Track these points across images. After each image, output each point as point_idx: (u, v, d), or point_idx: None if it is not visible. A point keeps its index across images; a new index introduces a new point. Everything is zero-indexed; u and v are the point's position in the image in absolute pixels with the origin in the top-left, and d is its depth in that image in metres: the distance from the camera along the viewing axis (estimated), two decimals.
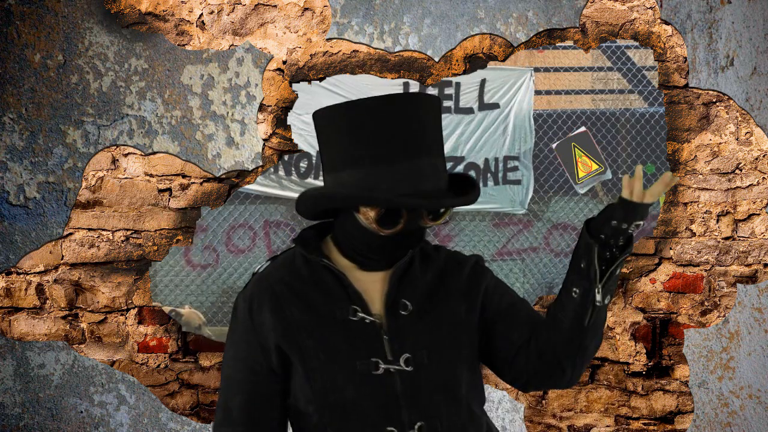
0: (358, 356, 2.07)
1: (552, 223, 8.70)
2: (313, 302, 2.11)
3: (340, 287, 2.11)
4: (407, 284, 2.14)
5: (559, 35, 3.62)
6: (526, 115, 8.33)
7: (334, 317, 2.09)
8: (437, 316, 2.13)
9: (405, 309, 2.10)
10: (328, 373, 2.07)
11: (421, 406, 2.07)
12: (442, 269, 2.20)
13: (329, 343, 2.08)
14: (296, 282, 2.13)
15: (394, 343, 2.08)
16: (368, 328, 2.09)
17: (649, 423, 3.74)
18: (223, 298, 8.16)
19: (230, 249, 8.20)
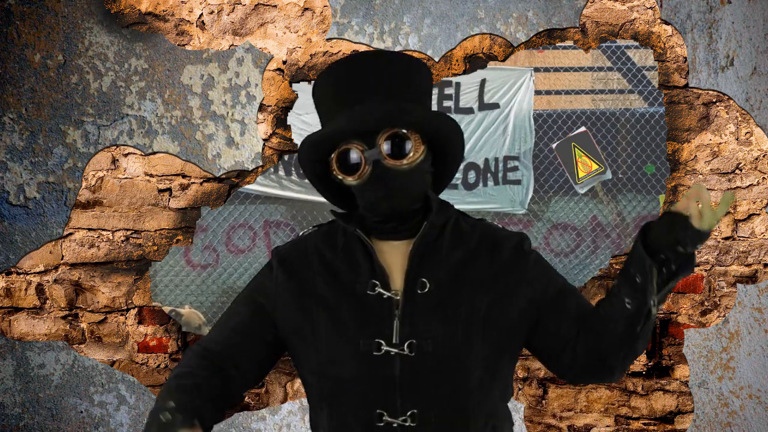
0: (364, 334, 2.05)
1: (552, 223, 8.71)
2: (338, 273, 2.11)
3: (368, 260, 2.10)
4: (429, 260, 2.10)
5: (559, 35, 3.62)
6: (526, 115, 8.34)
7: (354, 290, 2.09)
8: (456, 303, 2.08)
9: (423, 288, 2.07)
10: (333, 348, 2.07)
11: (417, 393, 2.04)
12: (473, 248, 2.13)
13: (341, 317, 2.08)
14: (329, 252, 2.14)
15: (405, 325, 2.05)
16: (383, 304, 2.07)
17: (649, 423, 3.74)
18: (223, 298, 8.16)
19: (230, 249, 8.20)
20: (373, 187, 2.06)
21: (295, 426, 3.68)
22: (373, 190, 2.06)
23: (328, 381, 2.08)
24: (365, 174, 2.05)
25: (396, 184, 2.05)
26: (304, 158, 2.12)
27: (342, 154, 2.06)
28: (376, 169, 2.05)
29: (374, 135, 2.04)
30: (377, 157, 2.04)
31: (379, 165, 2.04)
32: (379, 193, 2.06)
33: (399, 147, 2.05)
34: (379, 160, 2.04)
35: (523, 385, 3.76)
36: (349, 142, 2.05)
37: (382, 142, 2.04)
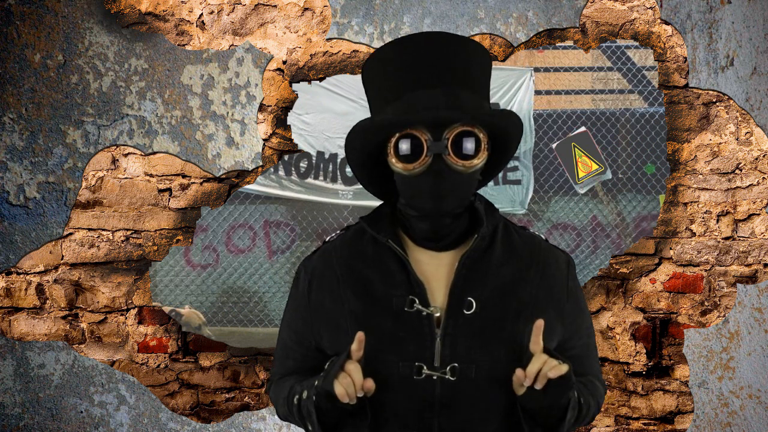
0: (404, 356, 1.96)
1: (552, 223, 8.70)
2: (371, 287, 2.00)
3: (403, 272, 1.99)
4: (476, 276, 1.99)
5: (559, 35, 3.62)
6: (526, 115, 8.34)
7: (391, 306, 1.98)
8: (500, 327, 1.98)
9: (469, 308, 1.96)
10: (371, 367, 1.95)
11: (455, 417, 1.97)
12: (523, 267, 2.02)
13: (378, 336, 1.97)
14: (359, 263, 2.03)
15: (446, 347, 1.96)
16: (423, 323, 1.96)
17: (649, 423, 3.74)
18: (223, 298, 8.16)
19: (230, 249, 8.20)
20: (426, 181, 1.92)
21: (295, 426, 3.68)
22: (424, 184, 1.93)
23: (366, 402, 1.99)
24: (423, 165, 1.91)
25: (450, 183, 1.93)
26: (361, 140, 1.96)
27: (404, 137, 1.92)
28: (435, 163, 1.91)
29: (443, 127, 1.91)
30: (441, 150, 1.90)
31: (440, 159, 1.91)
32: (430, 189, 1.93)
33: (466, 146, 1.91)
34: (441, 154, 1.90)
35: None
36: (415, 127, 1.91)
37: (452, 137, 1.91)
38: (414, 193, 1.96)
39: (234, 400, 3.69)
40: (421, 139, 1.91)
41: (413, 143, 1.91)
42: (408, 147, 1.91)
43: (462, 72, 1.93)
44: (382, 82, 1.98)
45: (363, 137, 1.96)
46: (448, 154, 1.91)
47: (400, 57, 1.95)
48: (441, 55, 1.93)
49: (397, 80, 1.94)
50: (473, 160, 1.92)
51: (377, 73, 1.99)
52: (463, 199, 1.98)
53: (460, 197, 1.96)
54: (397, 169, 1.94)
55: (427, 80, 1.91)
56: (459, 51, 1.95)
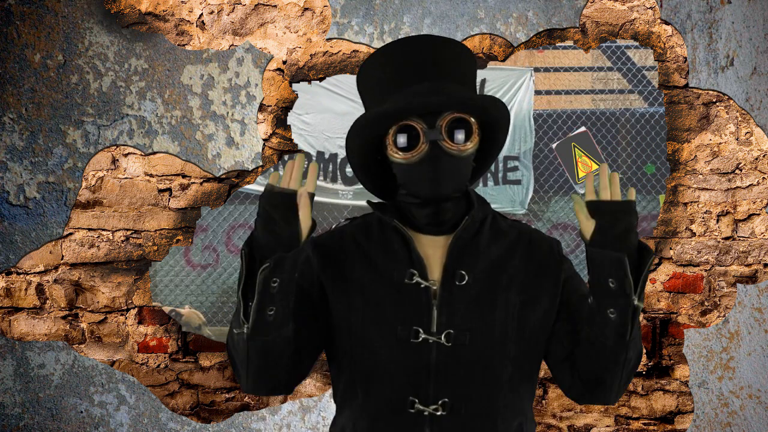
0: (402, 321, 2.05)
1: (552, 223, 8.70)
2: (376, 262, 2.11)
3: (406, 250, 2.09)
4: (468, 254, 2.10)
5: (559, 35, 3.62)
6: (526, 115, 8.34)
7: (392, 278, 2.08)
8: (492, 298, 2.08)
9: (461, 280, 2.07)
10: (368, 332, 2.07)
11: (450, 383, 2.04)
12: (510, 246, 2.14)
13: (378, 303, 2.07)
14: (366, 241, 2.14)
15: (442, 315, 2.05)
16: (421, 293, 2.06)
17: (649, 423, 3.74)
18: (223, 298, 8.16)
19: (230, 249, 8.20)
20: (425, 167, 2.04)
21: (295, 426, 3.68)
22: (423, 170, 2.04)
23: (361, 364, 2.08)
24: (420, 153, 2.04)
25: (447, 168, 2.05)
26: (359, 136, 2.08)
27: (401, 129, 2.04)
28: (432, 150, 2.03)
29: (436, 116, 2.04)
30: (437, 137, 2.03)
31: (436, 146, 2.03)
32: (429, 174, 2.05)
33: (459, 132, 2.05)
34: (437, 140, 2.03)
35: None
36: (410, 119, 2.04)
37: (444, 124, 2.03)
38: (414, 180, 2.07)
39: (234, 400, 3.69)
40: (417, 129, 2.03)
41: (410, 133, 2.04)
42: (405, 137, 2.04)
43: (448, 68, 2.08)
44: (374, 87, 2.11)
45: (361, 132, 2.08)
46: (443, 140, 2.03)
47: (389, 61, 2.09)
48: (427, 54, 2.08)
49: (388, 82, 2.08)
50: (467, 144, 2.05)
51: (369, 80, 2.12)
52: (460, 183, 2.09)
53: (457, 181, 2.08)
54: (396, 159, 2.06)
55: (416, 77, 2.06)
56: (444, 50, 2.09)
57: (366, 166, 2.14)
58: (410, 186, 2.09)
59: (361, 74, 2.14)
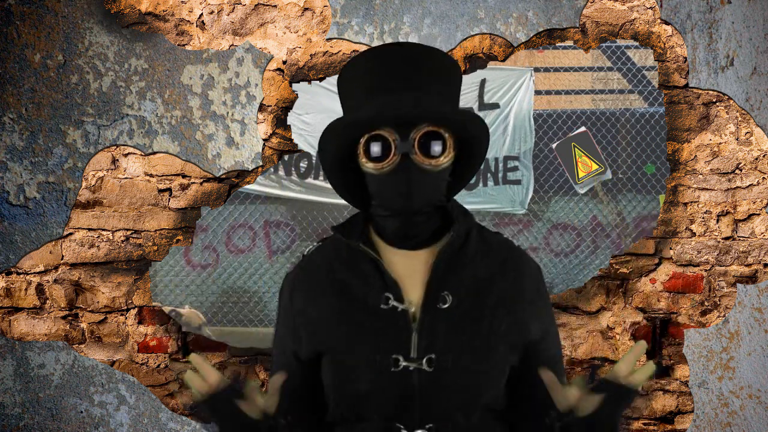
0: (381, 349, 2.01)
1: (552, 223, 8.70)
2: (349, 288, 2.07)
3: (377, 273, 2.05)
4: (454, 272, 2.05)
5: (559, 35, 3.62)
6: (526, 115, 8.34)
7: (367, 304, 2.04)
8: (477, 318, 2.04)
9: (444, 302, 2.03)
10: (348, 363, 2.04)
11: (434, 408, 2.01)
12: (498, 264, 2.09)
13: (356, 332, 2.04)
14: (337, 266, 2.10)
15: (422, 340, 2.01)
16: (398, 318, 2.02)
17: (649, 423, 3.74)
18: (223, 298, 8.16)
19: (230, 249, 8.20)
20: (396, 179, 2.00)
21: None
22: (394, 183, 2.01)
23: (344, 394, 2.05)
24: (391, 164, 1.99)
25: (418, 181, 2.00)
26: (332, 141, 2.04)
27: (373, 138, 2.00)
28: (403, 162, 1.99)
29: (410, 127, 1.99)
30: (408, 150, 1.98)
31: (407, 159, 1.99)
32: (400, 188, 2.01)
33: (433, 146, 2.00)
34: (408, 153, 1.98)
35: None
36: (383, 128, 1.99)
37: (417, 137, 1.98)
38: (384, 191, 2.03)
39: None
40: (389, 139, 1.99)
41: (382, 144, 1.99)
42: (377, 147, 2.00)
43: (430, 79, 2.03)
44: (353, 91, 2.06)
45: (333, 138, 2.04)
46: (414, 153, 1.98)
47: (371, 66, 2.04)
48: (410, 63, 2.03)
49: (366, 87, 2.03)
50: (439, 159, 2.00)
51: (349, 83, 2.07)
52: (431, 198, 2.05)
53: (428, 195, 2.03)
54: (367, 169, 2.02)
55: (396, 86, 2.00)
56: (429, 60, 2.04)
57: (340, 172, 2.10)
58: (381, 197, 2.05)
59: (342, 76, 2.10)
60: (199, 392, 2.00)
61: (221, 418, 2.01)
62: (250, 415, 2.00)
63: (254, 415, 2.01)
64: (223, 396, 2.01)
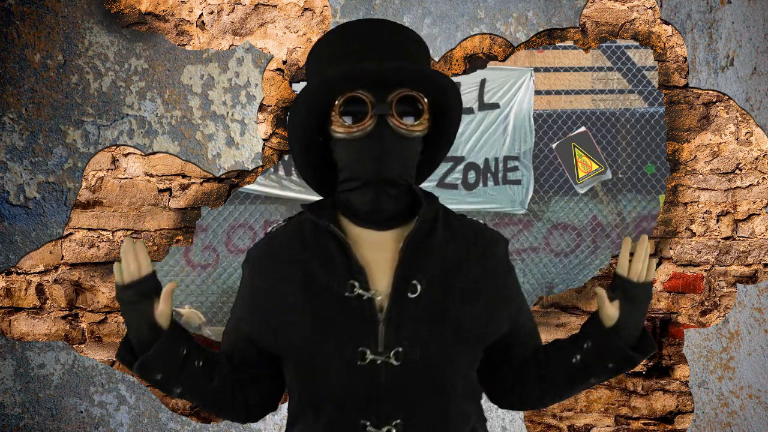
0: (347, 342, 1.94)
1: (552, 223, 8.71)
2: (313, 274, 1.98)
3: (344, 257, 1.97)
4: (421, 258, 1.98)
5: (559, 35, 3.62)
6: (526, 115, 8.34)
7: (332, 291, 1.96)
8: (444, 309, 1.97)
9: (413, 291, 1.95)
10: (312, 355, 1.96)
11: (402, 402, 1.95)
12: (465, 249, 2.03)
13: (320, 322, 1.96)
14: (300, 249, 2.01)
15: (390, 331, 1.94)
16: (365, 307, 1.95)
17: (649, 423, 3.74)
18: (223, 298, 8.16)
19: (230, 249, 8.20)
20: (370, 144, 1.93)
21: None
22: (368, 147, 1.93)
23: (308, 388, 1.99)
24: (367, 127, 1.92)
25: (393, 148, 1.94)
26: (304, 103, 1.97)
27: (348, 100, 1.93)
28: (379, 125, 1.92)
29: (386, 91, 1.93)
30: (385, 111, 1.92)
31: (383, 121, 1.92)
32: (374, 152, 1.93)
33: (410, 110, 1.94)
34: (385, 115, 1.92)
35: None
36: (358, 90, 1.92)
37: (395, 100, 1.92)
38: (356, 158, 1.95)
39: None
40: (366, 100, 1.92)
41: (357, 105, 1.93)
42: (353, 108, 1.93)
43: (403, 47, 1.98)
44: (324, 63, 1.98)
45: (307, 99, 1.96)
46: (391, 115, 1.92)
47: (344, 37, 1.98)
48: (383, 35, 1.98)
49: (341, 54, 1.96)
50: (415, 123, 1.94)
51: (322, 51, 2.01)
52: (405, 167, 1.98)
53: (401, 163, 1.96)
54: (340, 134, 1.95)
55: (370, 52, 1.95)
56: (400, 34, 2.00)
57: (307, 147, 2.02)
58: (352, 165, 1.97)
59: (312, 52, 2.03)
60: (127, 276, 1.95)
61: (134, 309, 1.96)
62: (158, 321, 1.96)
63: (162, 322, 1.97)
64: (145, 286, 1.96)
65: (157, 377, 1.97)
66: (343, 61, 1.95)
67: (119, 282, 1.96)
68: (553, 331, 3.79)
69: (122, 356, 2.00)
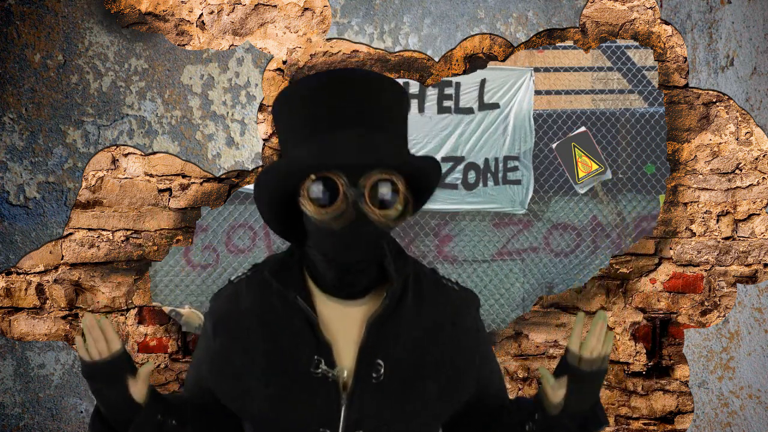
0: (307, 421, 1.88)
1: (552, 223, 8.70)
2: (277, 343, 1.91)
3: (311, 331, 1.89)
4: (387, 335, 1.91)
5: (559, 35, 3.62)
6: (526, 115, 8.34)
7: (297, 366, 1.89)
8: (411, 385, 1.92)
9: (378, 371, 1.88)
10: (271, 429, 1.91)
11: None
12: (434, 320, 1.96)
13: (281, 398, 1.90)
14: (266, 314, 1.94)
15: (352, 413, 1.87)
16: (329, 387, 1.88)
17: (649, 423, 3.74)
18: None
19: (230, 249, 8.20)
20: (339, 230, 1.82)
21: None
22: (336, 232, 1.82)
23: None
24: (337, 212, 1.80)
25: (363, 234, 1.83)
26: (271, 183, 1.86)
27: (319, 180, 1.80)
28: (349, 210, 1.79)
29: (359, 172, 1.79)
30: (357, 198, 1.79)
31: (356, 208, 1.79)
32: (343, 239, 1.82)
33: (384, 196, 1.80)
34: (358, 202, 1.79)
35: (523, 385, 3.76)
36: (331, 170, 1.79)
37: (369, 185, 1.79)
38: (324, 239, 1.85)
39: None
40: (337, 183, 1.79)
41: (328, 186, 1.80)
42: (323, 191, 1.80)
43: (380, 115, 1.83)
44: (295, 120, 1.85)
45: (276, 180, 1.85)
46: (364, 202, 1.79)
47: (315, 95, 1.84)
48: (358, 95, 1.83)
49: (312, 119, 1.82)
50: (389, 210, 1.81)
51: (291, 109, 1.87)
52: (375, 249, 1.89)
53: (371, 248, 1.87)
54: (308, 212, 1.82)
55: (344, 121, 1.80)
56: (376, 92, 1.85)
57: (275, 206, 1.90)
58: (319, 244, 1.87)
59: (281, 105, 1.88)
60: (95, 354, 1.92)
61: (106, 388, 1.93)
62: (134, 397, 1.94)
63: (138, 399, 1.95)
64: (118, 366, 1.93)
65: None
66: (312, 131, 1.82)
67: (84, 358, 1.93)
68: (553, 331, 3.79)
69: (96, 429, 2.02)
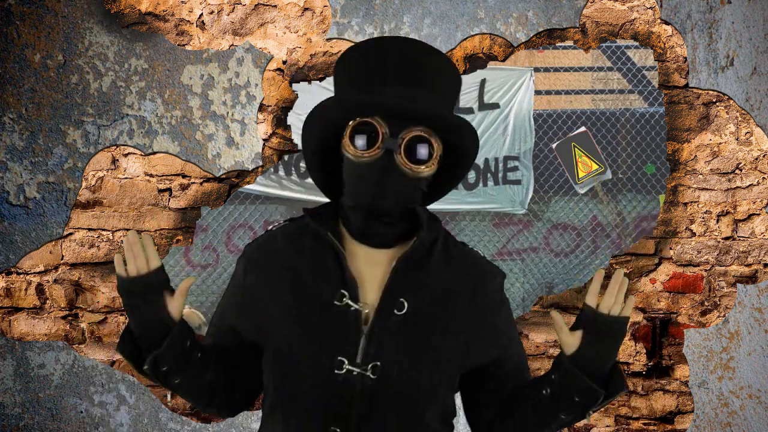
0: (327, 349, 1.94)
1: (552, 223, 8.71)
2: (304, 279, 1.98)
3: (338, 268, 1.97)
4: (413, 279, 1.97)
5: (559, 35, 3.62)
6: (526, 115, 8.34)
7: (321, 299, 1.96)
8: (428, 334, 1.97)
9: (400, 308, 1.95)
10: (292, 359, 1.97)
11: (372, 417, 1.94)
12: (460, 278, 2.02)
13: (305, 328, 1.96)
14: (296, 256, 2.01)
15: (370, 346, 1.94)
16: (350, 318, 1.95)
17: (649, 423, 3.74)
18: None
19: (230, 249, 8.20)
20: (372, 173, 1.92)
21: None
22: (369, 178, 1.92)
23: (283, 391, 1.99)
24: (372, 157, 1.91)
25: (394, 184, 1.92)
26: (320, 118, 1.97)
27: (361, 125, 1.91)
28: (384, 159, 1.91)
29: (401, 126, 1.91)
30: (393, 147, 1.90)
31: (389, 156, 1.91)
32: (373, 183, 1.92)
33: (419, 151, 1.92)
34: (392, 150, 1.90)
35: None
36: (374, 117, 1.91)
37: (406, 138, 1.91)
38: (357, 183, 1.94)
39: None
40: (378, 130, 1.91)
41: (369, 131, 1.91)
42: (364, 134, 1.91)
43: (430, 76, 1.95)
44: (352, 73, 1.98)
45: (323, 115, 1.96)
46: (399, 153, 1.90)
47: (373, 54, 1.96)
48: (412, 56, 1.95)
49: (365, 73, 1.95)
50: (422, 167, 1.92)
51: (348, 66, 1.99)
52: (404, 202, 1.96)
53: (399, 200, 1.95)
54: (347, 153, 1.93)
55: (395, 77, 1.93)
56: (430, 57, 1.97)
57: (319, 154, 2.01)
58: (352, 188, 1.96)
59: (341, 62, 2.01)
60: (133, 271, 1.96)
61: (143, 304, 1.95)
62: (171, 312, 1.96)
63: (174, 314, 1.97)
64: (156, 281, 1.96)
65: (163, 369, 1.97)
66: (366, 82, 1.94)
67: (122, 274, 1.97)
68: (553, 331, 3.80)
69: (125, 350, 1.99)
